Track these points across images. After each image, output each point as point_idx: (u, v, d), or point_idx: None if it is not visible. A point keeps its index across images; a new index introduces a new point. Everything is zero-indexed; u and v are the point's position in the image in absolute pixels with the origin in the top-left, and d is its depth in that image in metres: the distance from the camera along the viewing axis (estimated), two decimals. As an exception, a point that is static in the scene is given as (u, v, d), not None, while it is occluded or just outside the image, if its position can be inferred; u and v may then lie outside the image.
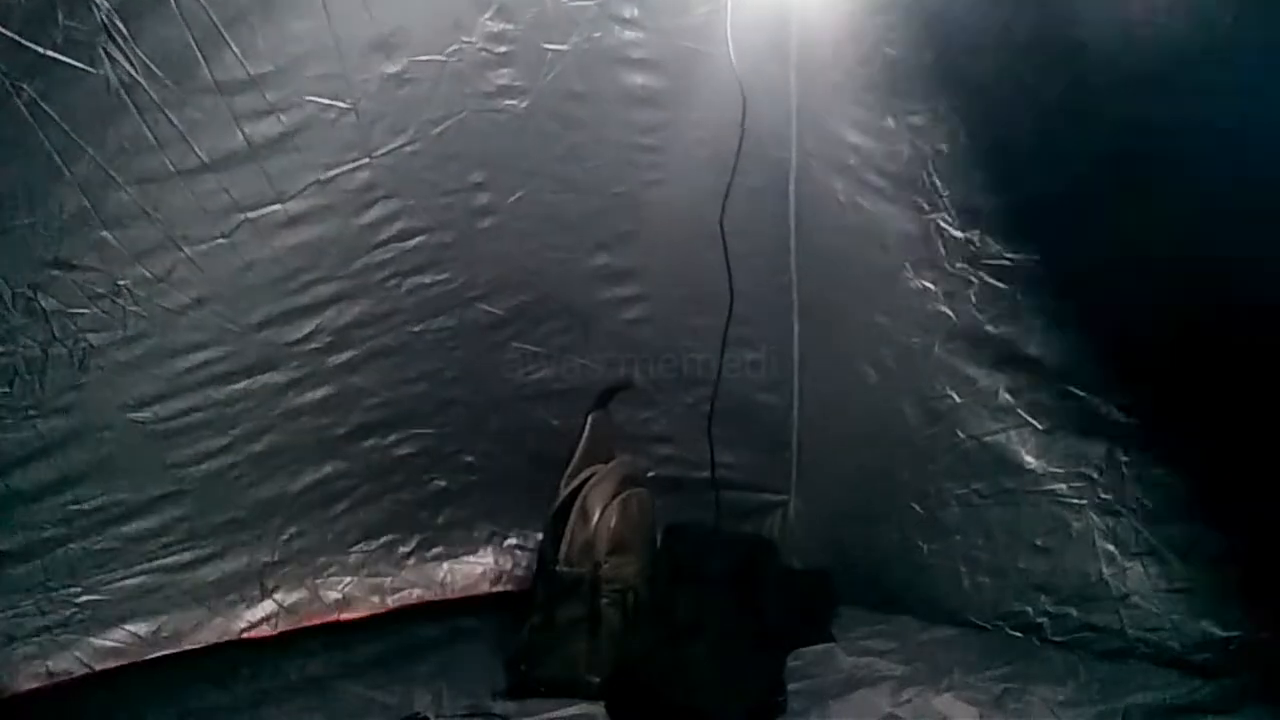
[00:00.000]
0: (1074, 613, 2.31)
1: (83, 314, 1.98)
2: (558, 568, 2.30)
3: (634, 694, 2.14)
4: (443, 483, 2.58)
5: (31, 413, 1.97)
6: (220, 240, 2.10)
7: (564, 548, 2.31)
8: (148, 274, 2.03)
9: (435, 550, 2.60)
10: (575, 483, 2.38)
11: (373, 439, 2.44)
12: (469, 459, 2.60)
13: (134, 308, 2.03)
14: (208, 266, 2.10)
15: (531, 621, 2.32)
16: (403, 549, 2.55)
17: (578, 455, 2.43)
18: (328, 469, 2.39)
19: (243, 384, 2.23)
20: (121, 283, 2.01)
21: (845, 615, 2.61)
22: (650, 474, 2.71)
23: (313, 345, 2.29)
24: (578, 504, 2.33)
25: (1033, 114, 2.24)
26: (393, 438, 2.47)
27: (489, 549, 2.68)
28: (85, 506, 2.08)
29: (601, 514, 2.32)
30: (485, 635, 2.51)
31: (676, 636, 2.26)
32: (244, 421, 2.25)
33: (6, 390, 1.93)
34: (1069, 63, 2.14)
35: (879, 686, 2.21)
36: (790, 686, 2.21)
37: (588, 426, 2.47)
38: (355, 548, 2.48)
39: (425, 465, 2.54)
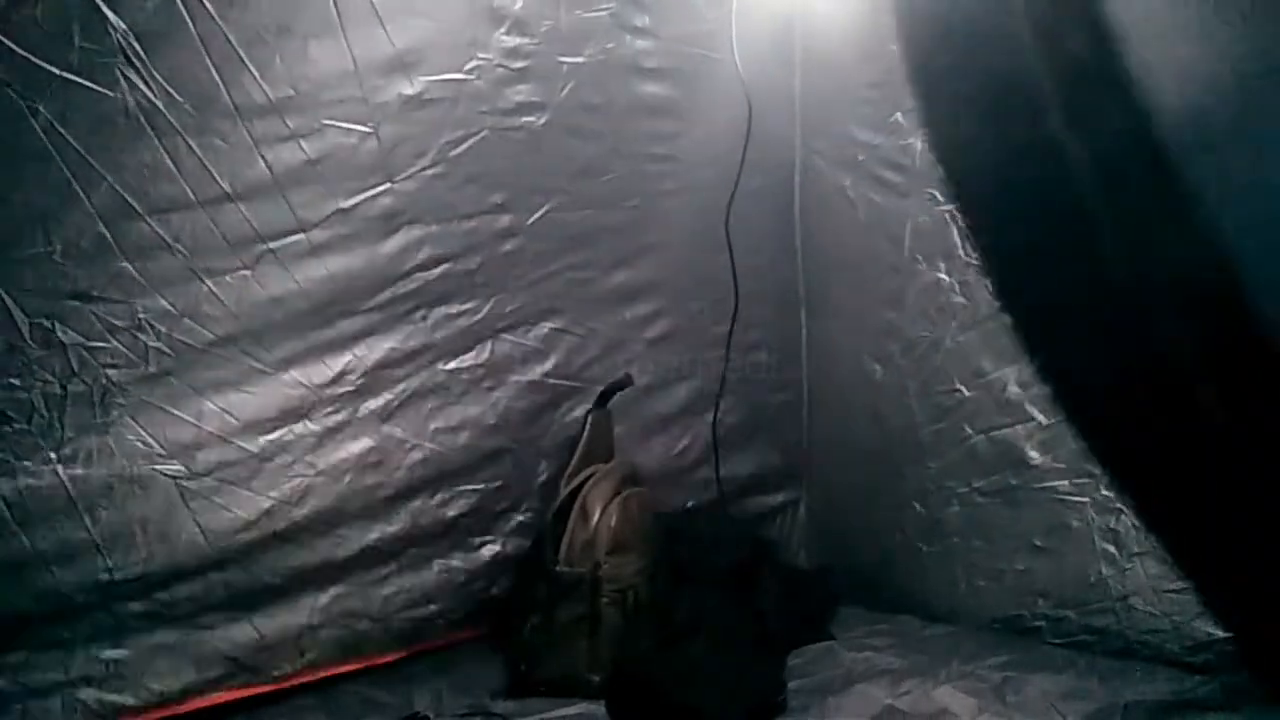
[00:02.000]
0: (1073, 615, 2.26)
1: (102, 348, 1.85)
2: (558, 568, 2.26)
3: (634, 694, 2.09)
4: (496, 547, 2.42)
5: (52, 456, 1.83)
6: (243, 271, 1.98)
7: (564, 548, 2.27)
8: (169, 307, 1.91)
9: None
10: (575, 483, 2.34)
11: (419, 499, 2.29)
12: (521, 519, 2.45)
13: (155, 343, 1.90)
14: (230, 299, 1.98)
15: (531, 621, 2.28)
16: (443, 621, 2.37)
17: (578, 455, 2.39)
18: (374, 535, 2.23)
19: (275, 435, 2.07)
20: (142, 315, 1.88)
21: (846, 615, 2.57)
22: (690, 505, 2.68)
23: (344, 388, 2.15)
24: (578, 504, 2.29)
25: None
26: (439, 497, 2.32)
27: None
28: (118, 576, 1.90)
29: (601, 514, 2.28)
30: (485, 636, 2.46)
31: (676, 636, 2.22)
32: (283, 482, 2.09)
33: (24, 426, 1.80)
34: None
35: (878, 680, 2.16)
36: (790, 684, 2.17)
37: (588, 426, 2.43)
38: (399, 614, 2.29)
39: (473, 526, 2.38)
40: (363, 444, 2.19)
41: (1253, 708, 1.92)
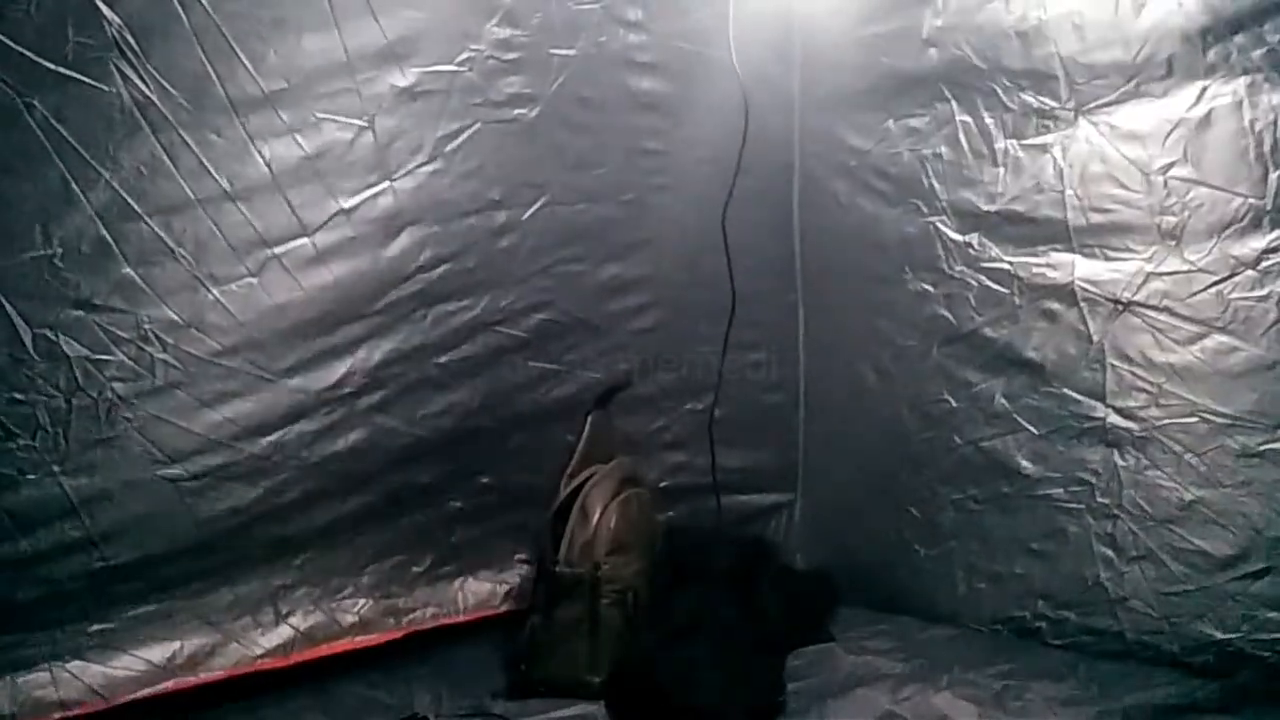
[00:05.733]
0: (1072, 617, 2.35)
1: (108, 360, 1.89)
2: (558, 568, 2.31)
3: (634, 694, 2.15)
4: (459, 504, 2.52)
5: (56, 469, 1.86)
6: (248, 279, 2.03)
7: (564, 548, 2.32)
8: (175, 317, 1.96)
9: (448, 568, 2.53)
10: (575, 483, 2.39)
11: (397, 473, 2.38)
12: (486, 480, 2.54)
13: (162, 355, 1.95)
14: (237, 309, 2.02)
15: (531, 621, 2.33)
16: (416, 569, 2.47)
17: (578, 455, 2.45)
18: (351, 504, 2.32)
19: (275, 436, 2.13)
20: (147, 326, 1.93)
21: (845, 615, 2.64)
22: (663, 484, 2.72)
23: (345, 390, 2.22)
24: (578, 504, 2.35)
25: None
26: (415, 468, 2.41)
27: (502, 566, 2.62)
28: (112, 564, 1.97)
29: (601, 514, 2.33)
30: (484, 635, 2.52)
31: (676, 636, 2.27)
32: (276, 474, 2.16)
33: (29, 443, 1.84)
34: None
35: (878, 685, 2.23)
36: (790, 686, 2.23)
37: (588, 427, 2.49)
38: (369, 568, 2.40)
39: (443, 489, 2.48)
40: (356, 435, 2.27)
41: (1252, 709, 2.01)
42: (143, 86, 1.86)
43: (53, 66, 1.76)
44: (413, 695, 2.22)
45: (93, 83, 1.80)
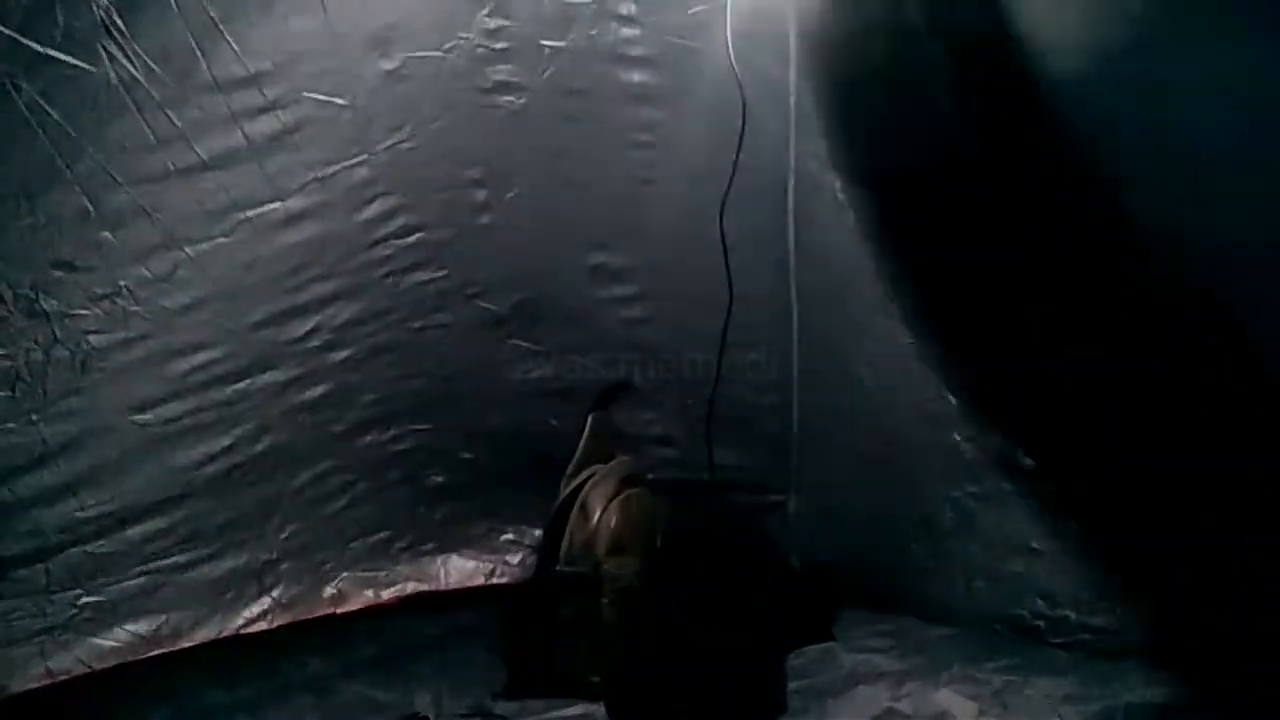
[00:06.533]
0: (1072, 615, 2.33)
1: (84, 315, 1.97)
2: (558, 567, 2.32)
3: (634, 694, 2.16)
4: (440, 479, 2.56)
5: (34, 417, 1.97)
6: (220, 239, 2.10)
7: (564, 547, 2.33)
8: (149, 274, 2.03)
9: (430, 545, 2.59)
10: (575, 483, 2.40)
11: (370, 435, 2.44)
12: (467, 456, 2.59)
13: (135, 308, 2.03)
14: (208, 266, 2.10)
15: (531, 622, 2.33)
16: (399, 544, 2.54)
17: (578, 455, 2.46)
18: (325, 465, 2.39)
19: (243, 384, 2.23)
20: (123, 283, 2.00)
21: (845, 615, 2.63)
22: (650, 476, 2.70)
23: (312, 343, 2.30)
24: (578, 504, 2.36)
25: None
26: (390, 433, 2.47)
27: (484, 544, 2.66)
28: (90, 513, 2.07)
29: (601, 514, 2.35)
30: (484, 634, 2.52)
31: (677, 636, 2.27)
32: (245, 421, 2.25)
33: (9, 394, 1.92)
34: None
35: (878, 682, 2.23)
36: (790, 685, 2.23)
37: (588, 427, 2.50)
38: (353, 544, 2.47)
39: (423, 462, 2.54)
40: (321, 389, 2.36)
41: (1251, 709, 2.01)
42: (129, 66, 1.87)
43: (41, 49, 1.77)
44: (413, 695, 2.23)
45: (80, 64, 1.82)
